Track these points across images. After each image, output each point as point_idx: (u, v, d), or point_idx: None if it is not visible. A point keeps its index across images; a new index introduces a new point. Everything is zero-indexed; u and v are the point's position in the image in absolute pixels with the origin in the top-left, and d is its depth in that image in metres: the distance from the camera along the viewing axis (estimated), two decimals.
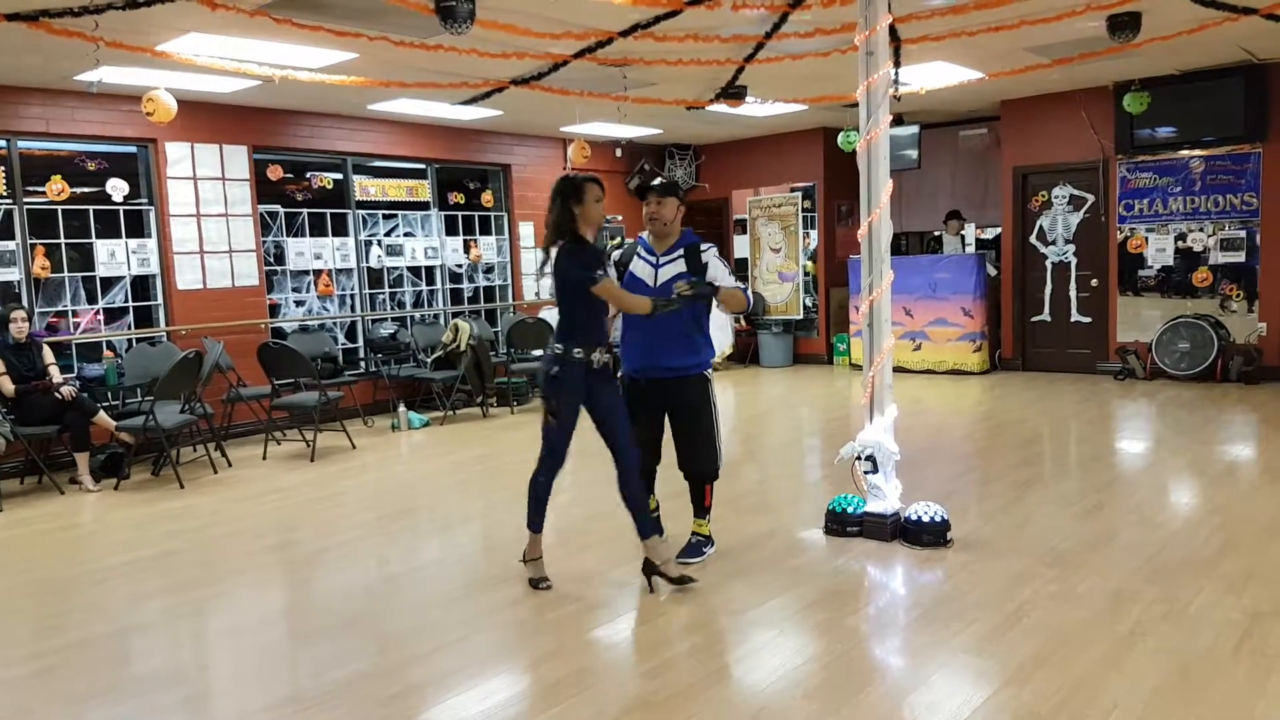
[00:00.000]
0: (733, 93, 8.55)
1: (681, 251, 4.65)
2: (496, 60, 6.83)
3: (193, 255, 8.91)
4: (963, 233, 11.93)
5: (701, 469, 4.78)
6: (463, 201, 11.41)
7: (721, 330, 10.64)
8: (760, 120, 11.63)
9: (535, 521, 4.57)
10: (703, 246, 4.67)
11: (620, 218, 12.77)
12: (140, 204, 8.73)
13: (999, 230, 11.81)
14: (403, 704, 3.43)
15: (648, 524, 4.41)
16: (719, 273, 4.59)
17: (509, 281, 11.87)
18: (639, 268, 4.70)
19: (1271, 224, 9.66)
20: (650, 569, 4.41)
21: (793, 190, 12.99)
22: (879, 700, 3.33)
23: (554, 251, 4.38)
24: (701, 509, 4.90)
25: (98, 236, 8.45)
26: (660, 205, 4.63)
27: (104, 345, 8.46)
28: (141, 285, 8.84)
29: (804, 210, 12.93)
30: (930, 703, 3.28)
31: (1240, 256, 9.87)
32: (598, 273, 4.25)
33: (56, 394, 7.07)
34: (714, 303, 4.58)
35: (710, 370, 4.77)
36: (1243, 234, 9.83)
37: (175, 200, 8.78)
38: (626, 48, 7.11)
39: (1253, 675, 3.35)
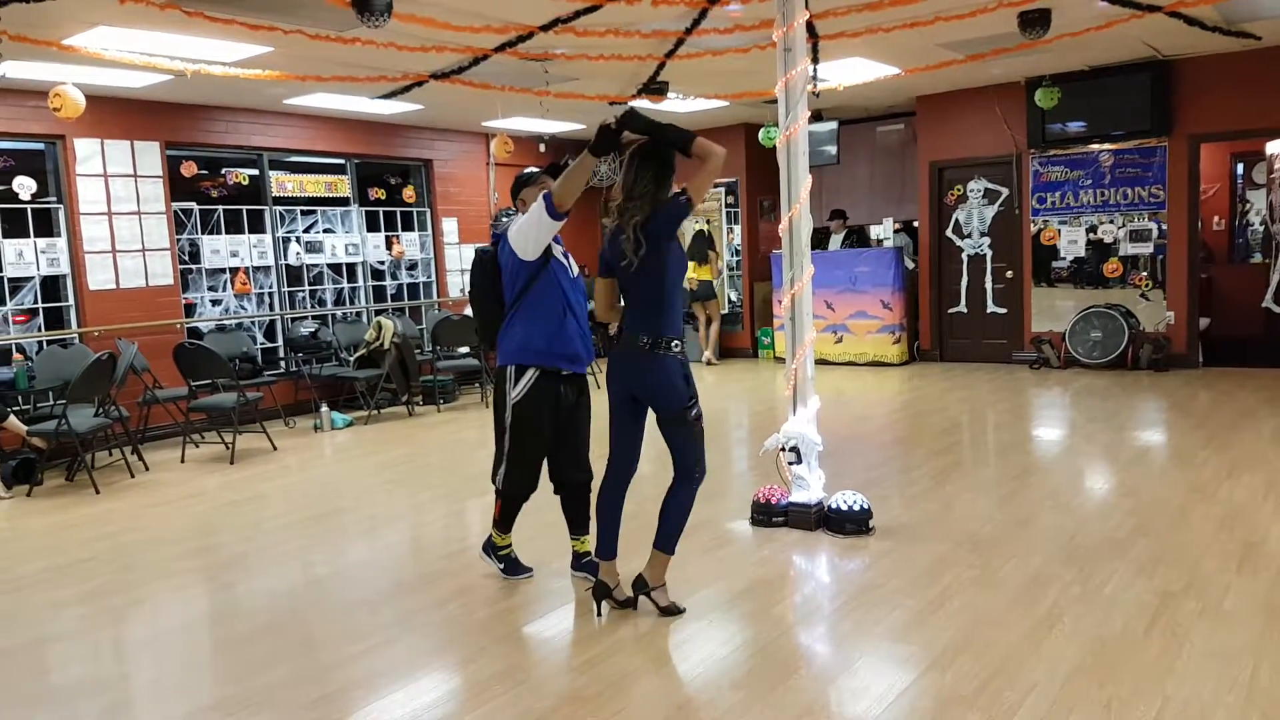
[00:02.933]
0: (654, 88, 8.57)
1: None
2: (415, 54, 6.77)
3: (105, 254, 8.67)
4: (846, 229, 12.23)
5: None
6: (384, 197, 11.26)
7: None
8: (682, 116, 11.65)
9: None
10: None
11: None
12: (49, 202, 8.46)
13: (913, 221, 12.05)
14: (329, 707, 3.39)
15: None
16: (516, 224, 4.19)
17: (433, 278, 11.76)
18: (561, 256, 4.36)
19: (1178, 215, 10.00)
20: (643, 588, 4.10)
21: (716, 185, 13.06)
22: (805, 687, 3.38)
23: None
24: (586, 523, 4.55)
25: (4, 236, 8.17)
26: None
27: (13, 348, 8.19)
28: (52, 286, 8.57)
29: (727, 206, 13.03)
30: (855, 689, 3.34)
31: (1148, 248, 10.19)
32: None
33: None
34: None
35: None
36: (1151, 225, 10.15)
37: (85, 198, 8.53)
38: (548, 42, 7.09)
39: (1164, 653, 3.48)
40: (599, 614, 4.06)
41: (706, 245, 12.38)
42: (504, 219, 3.92)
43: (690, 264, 12.33)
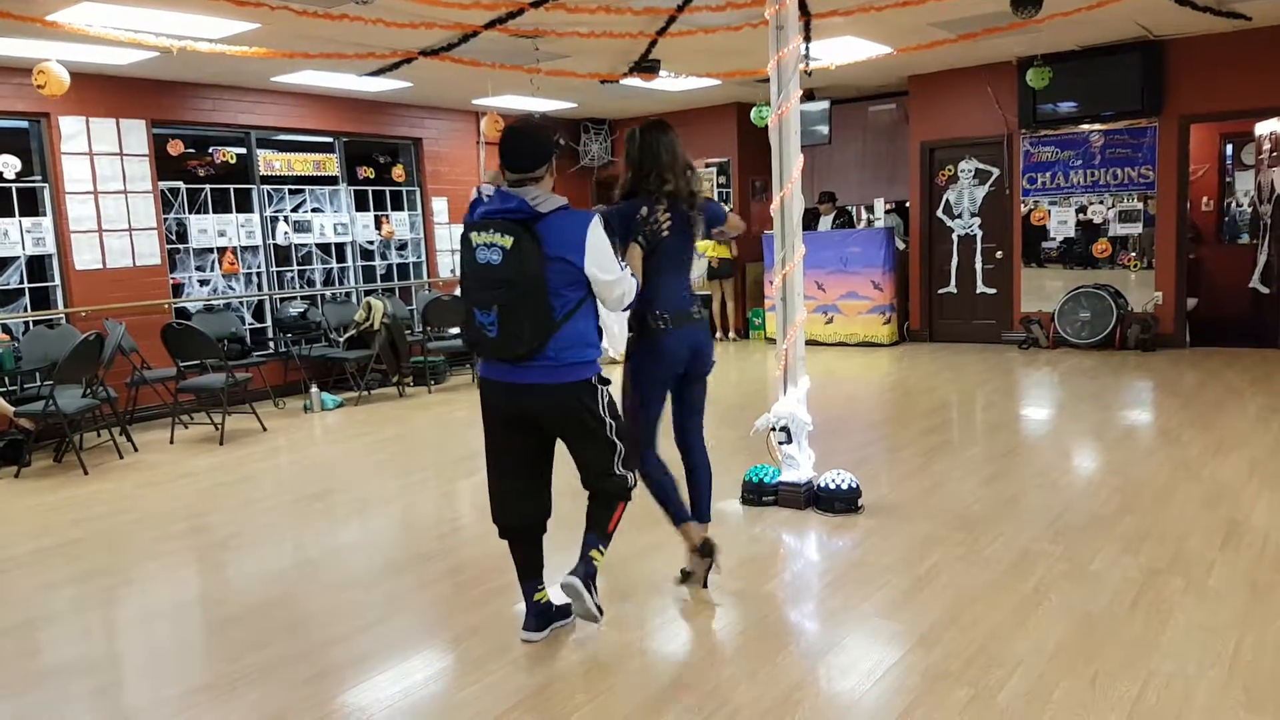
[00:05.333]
0: (646, 66, 8.54)
1: None
2: (404, 30, 6.71)
3: (91, 234, 8.62)
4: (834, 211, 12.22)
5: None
6: (373, 176, 11.21)
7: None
8: (674, 95, 11.65)
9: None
10: None
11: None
12: (34, 181, 8.40)
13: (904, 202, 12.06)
14: (321, 686, 3.40)
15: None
16: None
17: (423, 258, 11.72)
18: None
19: (1167, 196, 10.02)
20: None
21: (707, 165, 13.04)
22: (794, 663, 3.41)
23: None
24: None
25: None
26: None
27: None
28: (38, 266, 8.52)
29: (719, 186, 13.01)
30: (844, 665, 3.36)
31: (1138, 228, 10.21)
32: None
33: None
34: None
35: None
36: (1140, 206, 10.17)
37: (71, 177, 8.47)
38: (538, 19, 7.05)
39: (1148, 629, 3.51)
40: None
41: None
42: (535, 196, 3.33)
43: (710, 242, 12.34)
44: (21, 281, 8.41)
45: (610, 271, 3.42)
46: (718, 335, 12.75)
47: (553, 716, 3.10)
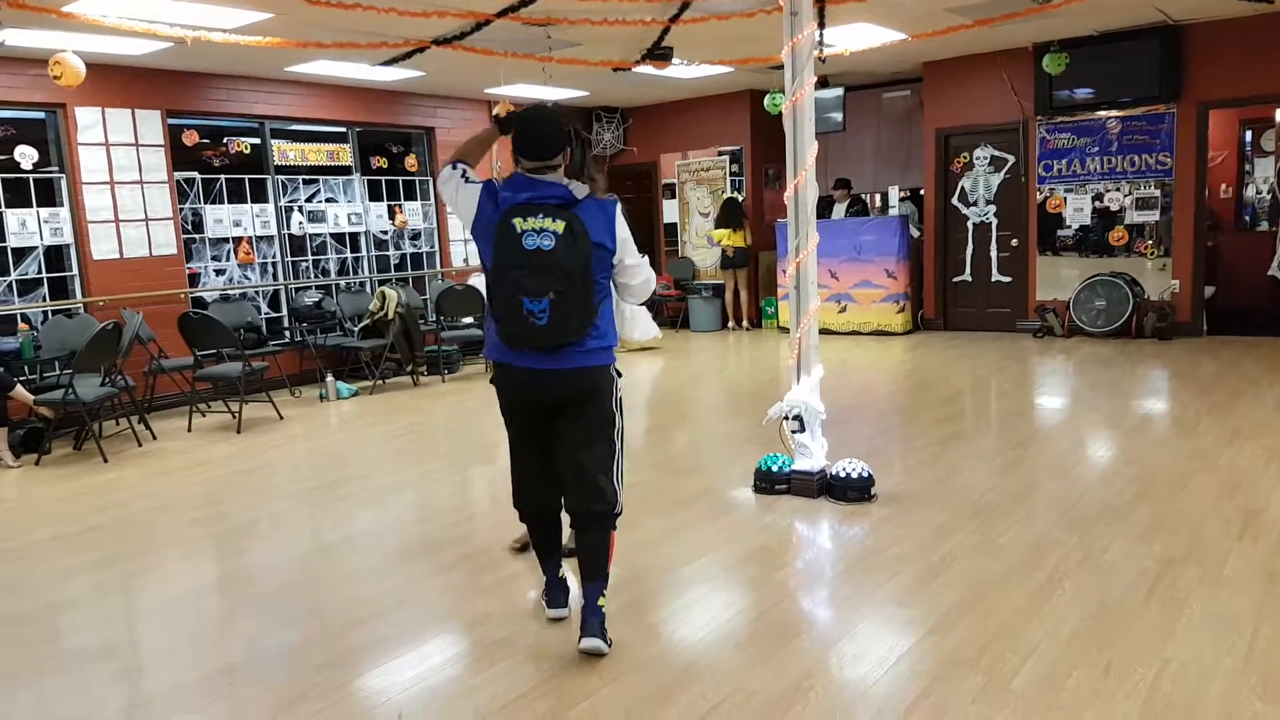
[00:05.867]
0: (659, 54, 8.52)
1: None
2: (416, 19, 6.73)
3: (108, 224, 8.67)
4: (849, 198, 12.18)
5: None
6: (386, 166, 11.23)
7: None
8: (687, 82, 11.62)
9: None
10: None
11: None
12: (51, 172, 8.45)
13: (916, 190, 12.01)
14: (338, 671, 3.43)
15: None
16: None
17: (436, 248, 11.75)
18: None
19: (1185, 183, 9.94)
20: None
21: (720, 154, 13.02)
22: (807, 650, 3.42)
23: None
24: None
25: (7, 206, 8.17)
26: None
27: (18, 318, 8.21)
28: (55, 256, 8.58)
29: (731, 174, 12.98)
30: (856, 652, 3.37)
31: (1154, 215, 10.14)
32: None
33: None
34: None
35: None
36: (1157, 193, 10.10)
37: (87, 167, 8.52)
38: (550, 7, 7.04)
39: (1163, 618, 3.50)
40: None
41: (739, 212, 12.36)
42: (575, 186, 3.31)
43: (724, 230, 12.35)
44: (40, 271, 8.48)
45: (636, 257, 3.45)
46: (730, 325, 12.75)
47: (567, 701, 3.12)
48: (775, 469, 5.26)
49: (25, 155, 8.25)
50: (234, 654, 3.68)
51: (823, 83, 11.06)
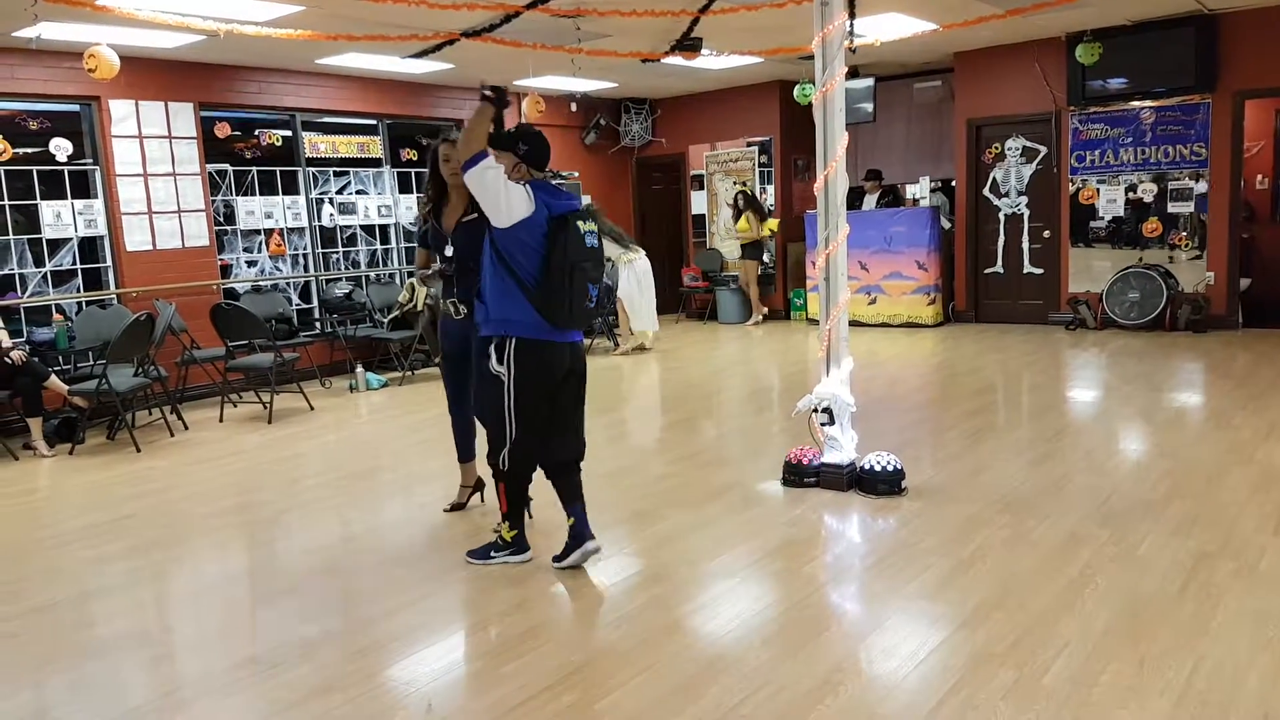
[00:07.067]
0: (688, 45, 8.49)
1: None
2: (446, 11, 6.72)
3: (141, 216, 8.75)
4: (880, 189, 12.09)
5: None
6: (415, 158, 11.27)
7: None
8: (716, 73, 11.58)
9: None
10: None
11: (576, 174, 12.68)
12: (85, 164, 8.54)
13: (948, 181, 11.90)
14: (367, 660, 3.45)
15: None
16: None
17: None
18: None
19: (1220, 174, 9.81)
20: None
21: (749, 145, 12.97)
22: (836, 644, 3.40)
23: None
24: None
25: (42, 198, 8.27)
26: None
27: (53, 309, 8.31)
28: (89, 247, 8.68)
29: (760, 165, 12.93)
30: (886, 646, 3.35)
31: (1189, 207, 10.01)
32: None
33: (6, 359, 6.94)
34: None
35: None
36: (1192, 184, 9.97)
37: (121, 159, 8.60)
38: None
39: (1198, 613, 3.46)
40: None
41: (748, 203, 12.30)
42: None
43: (742, 220, 12.31)
44: (74, 263, 8.57)
45: None
46: (755, 319, 12.60)
47: (594, 693, 3.12)
48: (804, 462, 5.23)
49: (60, 148, 8.34)
50: (264, 642, 3.71)
51: (853, 73, 10.99)
